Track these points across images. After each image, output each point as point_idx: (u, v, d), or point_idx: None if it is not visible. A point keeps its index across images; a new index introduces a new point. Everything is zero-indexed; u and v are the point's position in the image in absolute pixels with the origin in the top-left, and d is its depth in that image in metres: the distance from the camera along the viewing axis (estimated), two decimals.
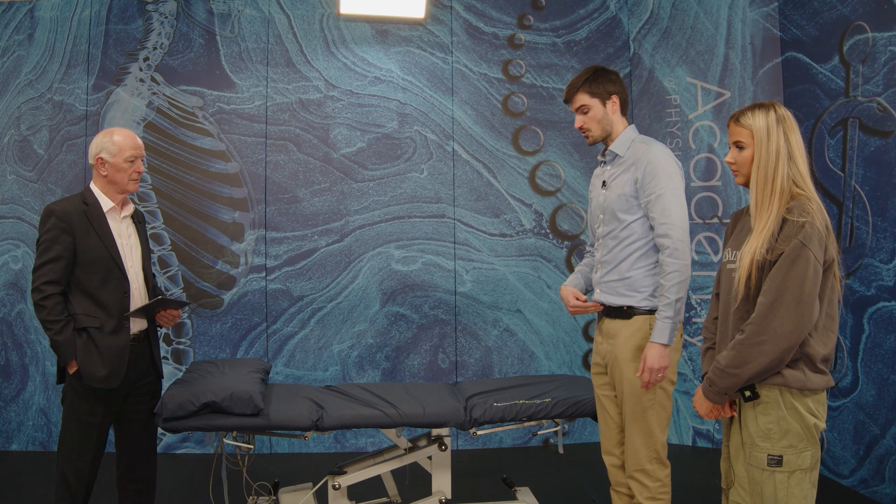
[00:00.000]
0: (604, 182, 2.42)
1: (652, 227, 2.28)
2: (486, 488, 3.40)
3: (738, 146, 1.92)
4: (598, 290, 2.44)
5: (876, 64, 3.28)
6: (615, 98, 2.37)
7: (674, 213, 2.22)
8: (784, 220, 1.78)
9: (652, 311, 2.29)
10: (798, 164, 1.84)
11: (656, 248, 2.30)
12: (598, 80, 2.36)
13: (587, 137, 2.42)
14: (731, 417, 1.94)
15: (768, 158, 1.84)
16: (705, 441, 4.27)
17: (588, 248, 2.64)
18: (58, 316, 2.38)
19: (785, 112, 1.89)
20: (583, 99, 2.37)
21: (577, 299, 2.47)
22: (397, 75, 4.33)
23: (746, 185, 1.92)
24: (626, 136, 2.38)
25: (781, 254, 1.75)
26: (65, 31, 4.15)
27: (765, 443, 1.79)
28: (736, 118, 1.94)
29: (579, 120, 2.40)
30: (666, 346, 2.19)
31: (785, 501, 1.78)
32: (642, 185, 2.27)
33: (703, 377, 2.01)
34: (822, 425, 1.81)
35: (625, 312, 2.33)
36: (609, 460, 2.46)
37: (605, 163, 2.45)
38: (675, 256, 2.20)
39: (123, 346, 2.45)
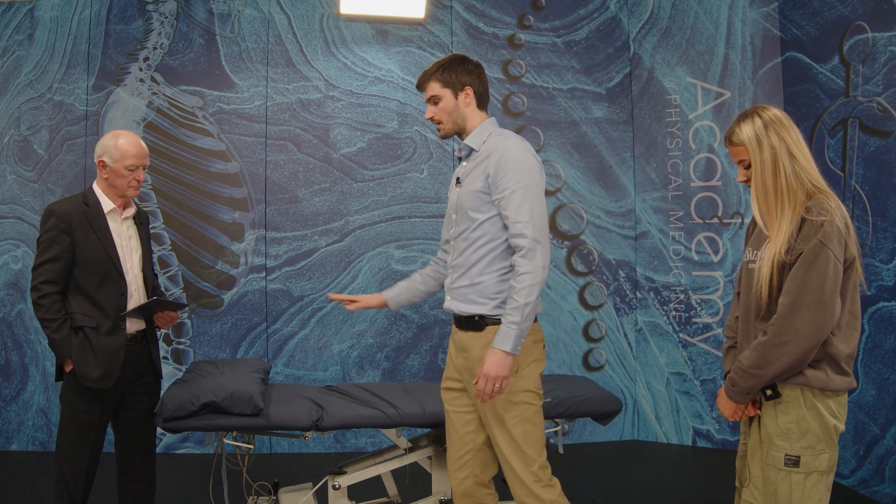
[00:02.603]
0: (458, 179, 2.23)
1: (506, 227, 2.08)
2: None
3: (744, 165, 1.90)
4: (448, 297, 2.23)
5: (876, 64, 3.28)
6: (469, 90, 2.21)
7: (528, 211, 2.02)
8: (803, 220, 1.76)
9: None
10: (800, 161, 1.81)
11: (511, 251, 2.10)
12: (453, 69, 2.21)
13: (439, 130, 2.26)
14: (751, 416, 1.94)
15: (763, 166, 1.82)
16: (705, 441, 4.27)
17: (439, 255, 2.47)
18: (55, 314, 2.39)
19: (772, 113, 1.86)
20: (434, 88, 2.22)
21: (352, 303, 2.41)
22: (397, 75, 4.33)
23: None
24: (482, 130, 2.21)
25: (801, 253, 1.74)
26: (65, 31, 4.15)
27: (783, 442, 1.78)
28: (729, 140, 1.91)
29: (430, 111, 2.24)
30: (508, 353, 1.99)
31: (799, 503, 1.77)
32: (494, 181, 2.07)
33: (725, 376, 2.00)
34: (842, 427, 1.80)
35: (476, 323, 2.14)
36: (453, 482, 2.28)
37: (461, 158, 2.27)
38: (528, 258, 2.00)
39: (119, 347, 2.45)
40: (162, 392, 2.63)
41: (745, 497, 1.90)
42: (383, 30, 4.34)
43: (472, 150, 2.21)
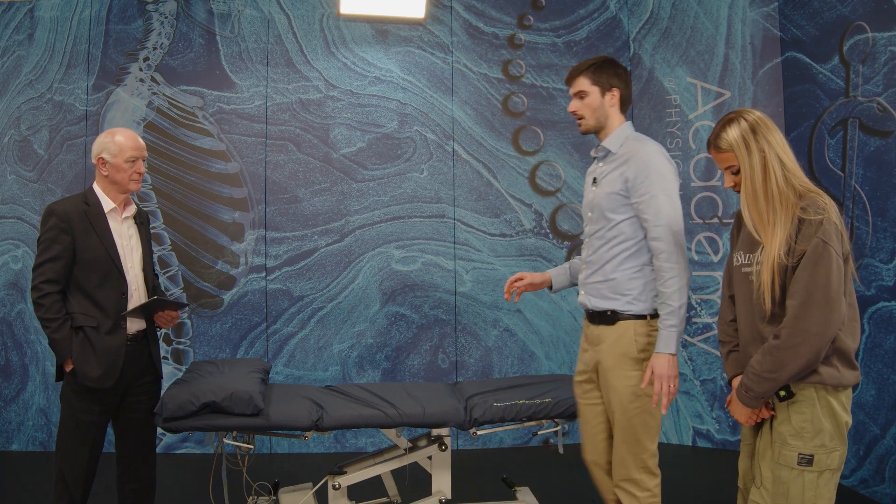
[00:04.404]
0: (594, 179, 2.33)
1: (644, 229, 2.18)
2: (486, 488, 3.40)
3: (732, 171, 1.89)
4: (582, 292, 2.35)
5: (876, 64, 3.28)
6: (616, 91, 2.28)
7: (667, 215, 2.13)
8: (801, 220, 1.76)
9: (637, 317, 2.20)
10: (787, 164, 1.82)
11: (644, 250, 2.21)
12: (604, 69, 2.28)
13: (579, 125, 2.34)
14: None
15: (753, 171, 1.82)
16: (705, 441, 4.27)
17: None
18: (55, 314, 2.39)
19: (757, 116, 1.85)
20: (583, 84, 2.28)
21: (520, 281, 2.50)
22: (397, 75, 4.33)
23: None
24: (620, 133, 2.28)
25: (803, 254, 1.74)
26: (65, 31, 4.15)
27: (796, 441, 1.78)
28: (715, 146, 1.89)
29: (574, 104, 2.31)
30: (673, 355, 2.11)
31: (812, 502, 1.76)
32: (634, 185, 2.17)
33: (729, 382, 2.00)
34: (851, 421, 1.82)
35: (608, 318, 2.24)
36: (597, 472, 2.40)
37: (597, 159, 2.36)
38: (671, 261, 2.11)
39: (119, 347, 2.45)
40: (162, 392, 2.63)
41: (753, 497, 1.90)
42: (383, 30, 4.34)
43: (608, 151, 2.29)
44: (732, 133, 1.85)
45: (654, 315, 2.21)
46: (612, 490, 2.34)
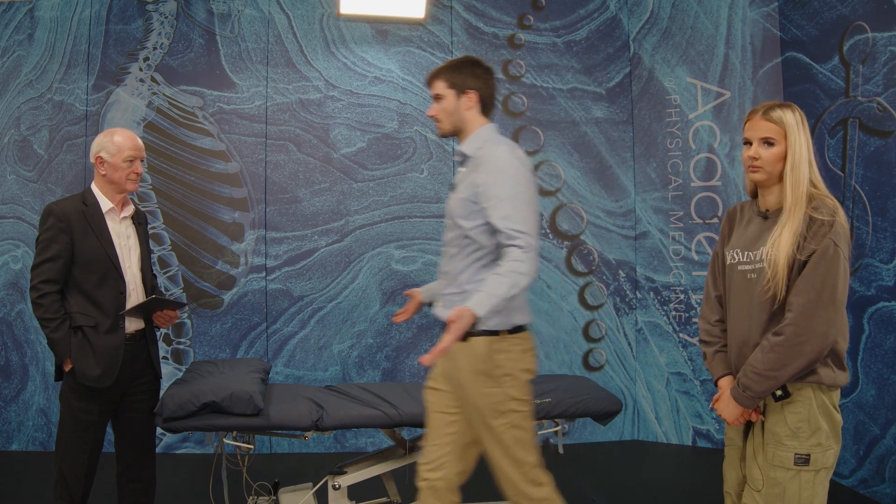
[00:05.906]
0: (453, 184, 2.21)
1: (495, 233, 2.02)
2: (486, 488, 3.40)
3: (767, 142, 1.84)
4: (439, 304, 2.21)
5: (876, 64, 3.28)
6: (472, 94, 2.16)
7: (520, 219, 1.97)
8: (811, 219, 1.77)
9: (491, 333, 2.05)
10: (813, 163, 1.84)
11: (497, 261, 2.03)
12: (461, 71, 2.18)
13: (438, 128, 2.23)
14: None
15: (801, 157, 1.81)
16: (705, 441, 4.27)
17: None
18: (54, 314, 2.39)
19: (801, 111, 1.89)
20: (439, 87, 2.18)
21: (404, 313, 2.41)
22: (397, 75, 4.33)
23: (762, 182, 1.87)
24: (477, 136, 2.16)
25: (812, 252, 1.74)
26: (65, 31, 4.15)
27: (793, 441, 1.78)
28: (764, 112, 1.85)
29: (432, 108, 2.22)
30: (475, 316, 1.85)
31: (809, 501, 1.77)
32: (483, 190, 2.02)
33: (715, 383, 1.99)
34: (842, 420, 1.82)
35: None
36: (423, 482, 2.23)
37: (461, 164, 2.22)
38: (525, 260, 1.92)
39: (118, 346, 2.45)
40: (162, 392, 2.63)
41: (746, 501, 1.89)
42: (383, 30, 4.34)
43: (466, 156, 2.18)
44: (789, 115, 1.84)
45: (511, 330, 2.09)
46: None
